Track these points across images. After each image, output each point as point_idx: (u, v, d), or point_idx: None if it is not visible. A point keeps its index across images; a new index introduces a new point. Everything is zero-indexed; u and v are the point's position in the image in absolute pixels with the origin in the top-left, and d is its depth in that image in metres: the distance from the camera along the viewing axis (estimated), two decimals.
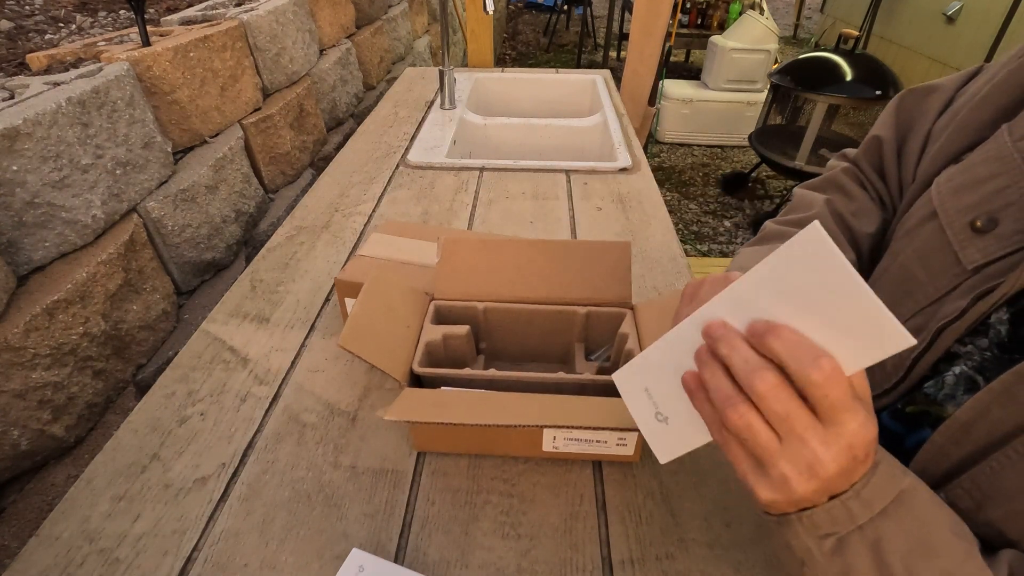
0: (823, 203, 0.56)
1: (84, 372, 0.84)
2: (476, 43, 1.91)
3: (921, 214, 0.45)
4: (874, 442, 0.31)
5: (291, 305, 0.80)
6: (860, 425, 0.30)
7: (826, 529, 0.33)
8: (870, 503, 0.32)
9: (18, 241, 0.77)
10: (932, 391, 0.41)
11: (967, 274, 0.39)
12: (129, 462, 0.58)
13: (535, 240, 0.69)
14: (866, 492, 0.32)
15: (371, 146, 1.28)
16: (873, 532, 0.32)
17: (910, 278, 0.44)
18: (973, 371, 0.39)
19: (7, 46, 1.08)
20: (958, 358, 0.40)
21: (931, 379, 0.41)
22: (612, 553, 0.51)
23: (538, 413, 0.51)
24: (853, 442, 0.30)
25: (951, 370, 0.40)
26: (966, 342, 0.39)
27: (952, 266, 0.40)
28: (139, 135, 0.96)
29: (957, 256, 0.40)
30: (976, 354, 0.39)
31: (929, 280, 0.42)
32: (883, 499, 0.32)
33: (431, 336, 0.61)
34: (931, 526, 0.32)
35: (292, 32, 1.42)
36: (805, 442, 0.30)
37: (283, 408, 0.65)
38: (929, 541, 0.32)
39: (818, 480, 0.30)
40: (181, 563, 0.50)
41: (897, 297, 0.44)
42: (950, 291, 0.40)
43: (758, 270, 0.31)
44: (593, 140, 1.40)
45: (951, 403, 0.39)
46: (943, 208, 0.42)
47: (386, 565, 0.48)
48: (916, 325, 0.42)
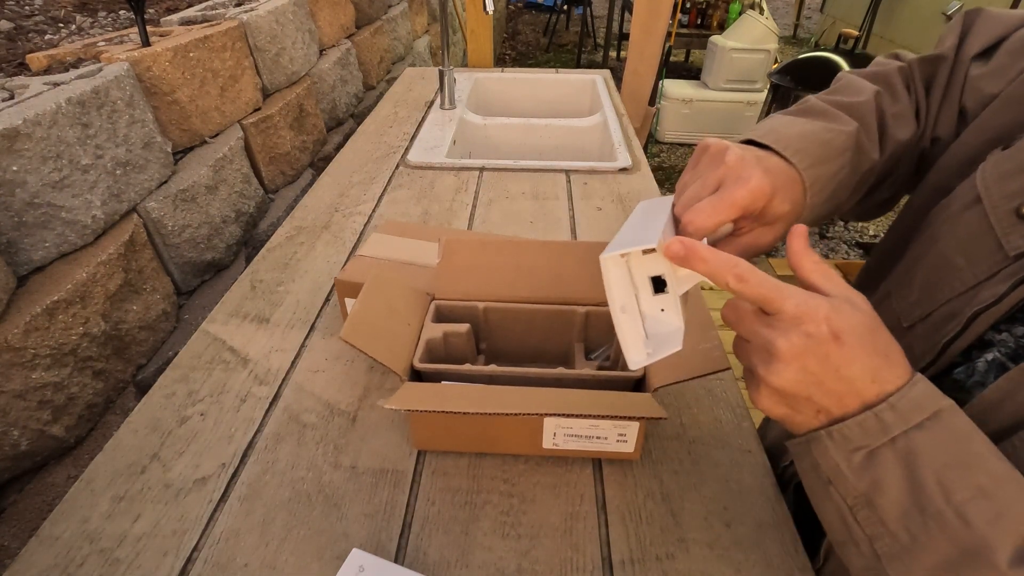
0: (872, 95, 0.53)
1: (84, 372, 0.84)
2: (476, 43, 1.91)
3: (964, 200, 0.44)
4: (838, 323, 0.32)
5: (291, 305, 0.80)
6: (803, 306, 0.32)
7: (857, 442, 0.32)
8: (906, 415, 0.32)
9: (18, 241, 0.77)
10: (962, 377, 0.40)
11: (1008, 261, 0.38)
12: (129, 462, 0.58)
13: (535, 240, 0.70)
14: (902, 404, 0.32)
15: (371, 146, 1.28)
16: (906, 444, 0.31)
17: (948, 264, 0.43)
18: (1006, 358, 0.38)
19: (7, 46, 1.08)
20: (991, 345, 0.39)
21: (962, 366, 0.40)
22: (612, 553, 0.51)
23: (538, 404, 0.51)
24: (798, 317, 0.32)
25: (983, 356, 0.39)
26: (1001, 329, 0.38)
27: (993, 253, 0.39)
28: (139, 135, 0.96)
29: (1000, 242, 0.39)
30: (1011, 341, 0.38)
31: (968, 266, 0.41)
32: (920, 413, 0.32)
33: (432, 334, 0.61)
34: (970, 443, 0.32)
35: (292, 32, 1.42)
36: (757, 333, 0.34)
37: (283, 408, 0.65)
38: (966, 457, 0.31)
39: (778, 360, 0.33)
40: (181, 563, 0.50)
41: (933, 283, 0.43)
42: (989, 277, 0.39)
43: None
44: (593, 140, 1.40)
45: (980, 390, 0.38)
46: (988, 194, 0.41)
47: (386, 565, 0.48)
48: (950, 311, 0.41)
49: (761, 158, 0.43)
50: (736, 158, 0.41)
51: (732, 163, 0.41)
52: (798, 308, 0.33)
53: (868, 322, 0.33)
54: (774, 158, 0.45)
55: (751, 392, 0.36)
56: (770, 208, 0.42)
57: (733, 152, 0.42)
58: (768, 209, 0.42)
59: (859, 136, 0.50)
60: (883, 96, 0.54)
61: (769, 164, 0.43)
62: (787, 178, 0.44)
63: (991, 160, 0.43)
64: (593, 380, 0.58)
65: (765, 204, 0.42)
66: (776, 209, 0.43)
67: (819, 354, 0.32)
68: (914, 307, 0.44)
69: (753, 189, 0.40)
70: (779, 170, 0.44)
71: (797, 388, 0.33)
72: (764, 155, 0.44)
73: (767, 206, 0.42)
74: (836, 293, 0.34)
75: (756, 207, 0.41)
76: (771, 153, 0.45)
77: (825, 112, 0.51)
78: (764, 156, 0.44)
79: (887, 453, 0.32)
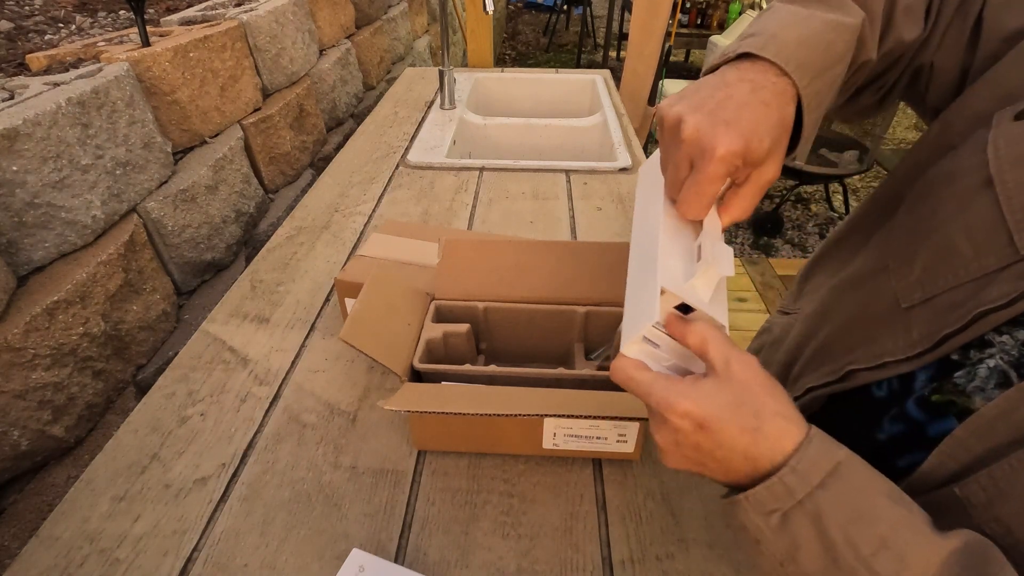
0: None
1: (84, 372, 0.84)
2: (476, 43, 1.91)
3: (975, 179, 0.40)
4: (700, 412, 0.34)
5: (291, 305, 0.80)
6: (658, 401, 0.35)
7: (770, 505, 0.33)
8: (806, 476, 0.32)
9: (18, 241, 0.77)
10: (962, 381, 0.39)
11: (1019, 257, 0.36)
12: (129, 462, 0.58)
13: (535, 240, 0.70)
14: (801, 466, 0.32)
15: (371, 146, 1.28)
16: (813, 505, 0.32)
17: (953, 249, 0.40)
18: (1008, 366, 0.37)
19: (7, 46, 1.08)
20: (991, 346, 0.38)
21: (962, 367, 0.40)
22: (612, 553, 0.51)
23: (538, 404, 0.51)
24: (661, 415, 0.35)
25: (984, 362, 0.38)
26: (1003, 331, 0.37)
27: (1003, 246, 0.37)
28: (139, 135, 0.96)
29: (1011, 237, 0.36)
30: (1012, 347, 0.37)
31: (974, 256, 0.38)
32: (819, 472, 0.32)
33: (432, 334, 0.61)
34: (866, 494, 0.33)
35: (292, 32, 1.42)
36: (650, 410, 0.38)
37: (283, 408, 0.65)
38: (865, 509, 0.32)
39: (661, 450, 0.37)
40: (181, 563, 0.50)
41: (935, 267, 0.41)
42: (996, 271, 0.37)
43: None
44: (593, 140, 1.40)
45: (980, 395, 0.38)
46: (1001, 179, 0.38)
47: (386, 565, 0.48)
48: (952, 300, 0.39)
49: (720, 107, 0.38)
50: (692, 131, 0.38)
51: (690, 138, 0.38)
52: (659, 406, 0.35)
53: (734, 399, 0.34)
54: (747, 80, 0.40)
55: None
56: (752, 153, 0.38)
57: (688, 125, 0.38)
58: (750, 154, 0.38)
59: (864, 30, 0.44)
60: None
61: (732, 109, 0.38)
62: (763, 106, 0.39)
63: (1002, 131, 0.39)
64: (593, 380, 0.58)
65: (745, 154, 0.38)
66: (758, 150, 0.38)
67: (690, 444, 0.35)
68: (914, 289, 0.43)
69: (723, 157, 0.37)
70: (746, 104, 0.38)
71: (687, 466, 0.37)
72: (728, 95, 0.39)
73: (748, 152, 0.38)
74: (718, 366, 0.35)
75: (736, 165, 0.38)
76: (762, 67, 0.40)
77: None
78: (726, 99, 0.39)
79: (798, 515, 0.33)
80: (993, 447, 0.34)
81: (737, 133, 0.37)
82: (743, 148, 0.37)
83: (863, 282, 0.49)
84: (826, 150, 2.65)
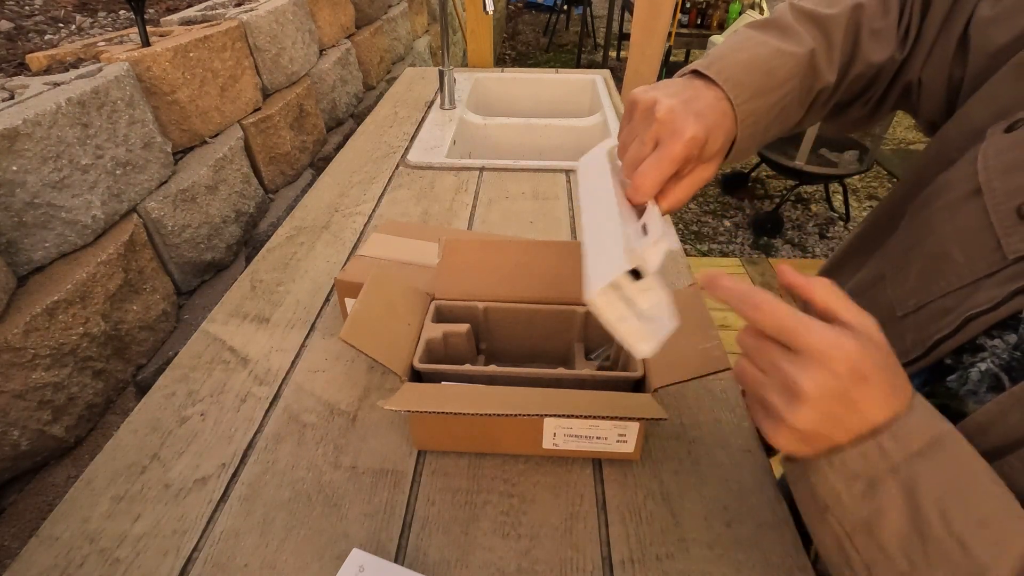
0: (850, 7, 0.50)
1: (84, 372, 0.84)
2: (476, 43, 1.91)
3: (965, 189, 0.41)
4: (864, 362, 0.31)
5: (291, 305, 0.80)
6: (830, 343, 0.31)
7: (859, 471, 0.32)
8: (906, 442, 0.31)
9: (18, 241, 0.77)
10: (955, 385, 0.40)
11: (1007, 262, 0.37)
12: (129, 462, 0.58)
13: (535, 240, 0.69)
14: (902, 432, 0.31)
15: (371, 146, 1.28)
16: (908, 473, 0.31)
17: (945, 257, 0.41)
18: (999, 369, 0.37)
19: (7, 46, 1.08)
20: (983, 350, 0.38)
21: (955, 371, 0.40)
22: (612, 553, 0.51)
23: (538, 404, 0.51)
24: (824, 354, 0.31)
25: (976, 366, 0.39)
26: (994, 335, 0.38)
27: (992, 252, 0.38)
28: (139, 135, 0.96)
29: (999, 242, 0.38)
30: (1003, 351, 0.37)
31: (966, 262, 0.40)
32: (920, 439, 0.31)
33: (432, 334, 0.61)
34: (970, 471, 0.31)
35: (292, 32, 1.42)
36: (778, 368, 0.32)
37: (283, 408, 0.65)
38: (967, 487, 0.31)
39: (803, 401, 0.31)
40: (181, 563, 0.50)
41: (929, 274, 0.42)
42: (986, 276, 0.38)
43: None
44: (593, 140, 1.40)
45: (972, 399, 0.38)
46: (989, 187, 0.39)
47: (386, 565, 0.48)
48: (944, 307, 0.40)
49: (690, 101, 0.43)
50: (666, 111, 0.41)
51: (664, 118, 0.41)
52: (824, 345, 0.31)
53: (885, 356, 0.32)
54: (709, 93, 0.44)
55: (768, 430, 0.34)
56: (706, 148, 0.43)
57: (663, 106, 0.42)
58: (705, 149, 0.43)
59: (813, 58, 0.48)
60: (865, 10, 0.50)
61: (701, 106, 0.43)
62: (720, 114, 0.44)
63: (992, 142, 0.41)
64: (593, 380, 0.58)
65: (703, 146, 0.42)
66: (712, 147, 0.43)
67: (845, 396, 0.31)
68: (909, 296, 0.44)
69: (688, 141, 0.41)
70: (712, 107, 0.43)
71: (819, 428, 0.32)
72: (695, 95, 0.44)
73: (706, 145, 0.42)
74: (857, 323, 0.32)
75: (695, 154, 0.42)
76: (709, 84, 0.45)
77: (787, 28, 0.49)
78: (694, 97, 0.43)
79: (889, 482, 0.31)
80: (986, 451, 0.35)
81: (703, 125, 0.42)
82: (704, 139, 0.42)
83: (862, 293, 0.50)
84: (826, 150, 2.65)
